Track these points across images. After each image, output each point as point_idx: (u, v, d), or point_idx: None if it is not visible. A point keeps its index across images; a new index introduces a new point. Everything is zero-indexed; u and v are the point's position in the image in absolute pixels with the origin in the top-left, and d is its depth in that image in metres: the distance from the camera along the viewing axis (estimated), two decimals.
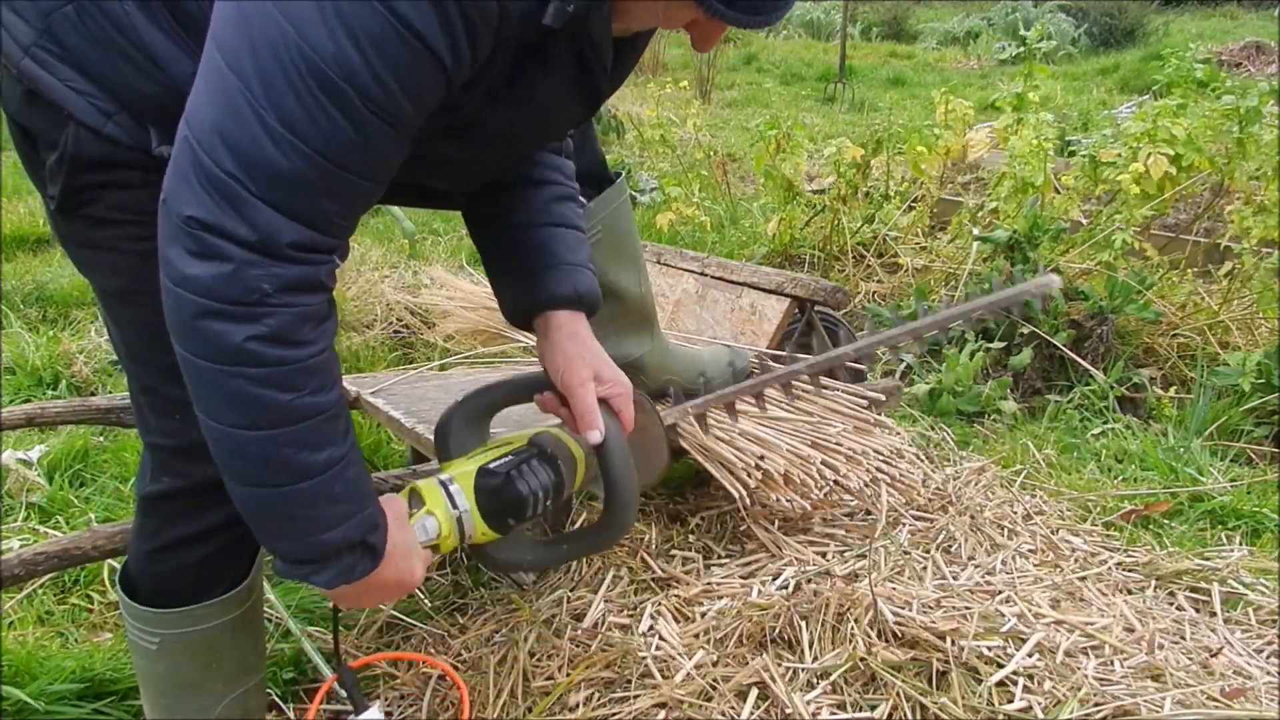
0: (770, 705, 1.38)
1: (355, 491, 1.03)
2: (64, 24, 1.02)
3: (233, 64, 0.88)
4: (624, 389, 1.29)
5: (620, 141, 6.99)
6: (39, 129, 1.07)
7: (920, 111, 7.94)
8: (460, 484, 1.19)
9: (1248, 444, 2.71)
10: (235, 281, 0.90)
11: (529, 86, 1.05)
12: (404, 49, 0.88)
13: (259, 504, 1.00)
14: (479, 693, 1.55)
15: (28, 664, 1.64)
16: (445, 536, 1.17)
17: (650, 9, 1.04)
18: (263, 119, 0.87)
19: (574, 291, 1.27)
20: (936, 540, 1.84)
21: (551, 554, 1.37)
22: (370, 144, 0.92)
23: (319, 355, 0.96)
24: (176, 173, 0.91)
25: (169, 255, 0.92)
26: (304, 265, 0.93)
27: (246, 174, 0.88)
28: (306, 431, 0.97)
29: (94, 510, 2.23)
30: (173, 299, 0.93)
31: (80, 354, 3.06)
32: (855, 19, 15.66)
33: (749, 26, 1.00)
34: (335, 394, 0.99)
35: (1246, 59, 10.66)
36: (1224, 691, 1.41)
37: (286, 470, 0.97)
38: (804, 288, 2.13)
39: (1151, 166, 3.25)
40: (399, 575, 1.10)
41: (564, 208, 1.30)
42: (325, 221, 0.94)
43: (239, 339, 0.91)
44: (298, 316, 0.93)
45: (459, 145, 1.10)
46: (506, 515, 1.20)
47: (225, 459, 0.99)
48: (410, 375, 2.30)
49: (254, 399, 0.94)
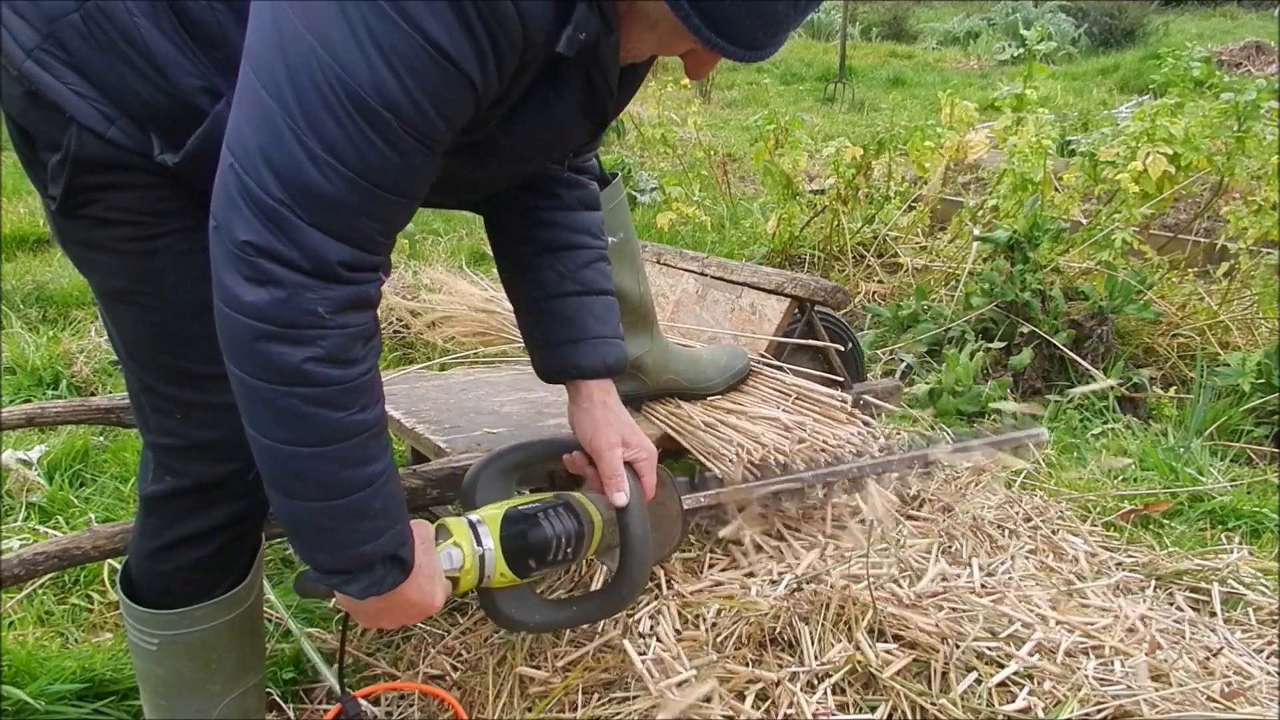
0: (770, 706, 1.38)
1: (392, 506, 1.06)
2: (69, 30, 1.02)
3: (272, 91, 0.90)
4: (649, 455, 1.36)
5: (621, 141, 6.99)
6: (40, 130, 1.07)
7: (920, 111, 7.94)
8: (488, 524, 1.24)
9: (1248, 444, 2.71)
10: (291, 305, 0.93)
11: (542, 107, 1.09)
12: (438, 73, 0.91)
13: (302, 516, 1.03)
14: (478, 694, 1.55)
15: (28, 664, 1.64)
16: (467, 570, 1.21)
17: (653, 39, 1.07)
18: (305, 145, 0.90)
19: (603, 364, 1.34)
20: (936, 541, 1.84)
21: (558, 616, 1.39)
22: (408, 165, 0.95)
23: (368, 374, 1.00)
24: (225, 199, 0.93)
25: (225, 280, 0.94)
26: (354, 285, 0.97)
27: (293, 200, 0.91)
28: (353, 448, 1.00)
29: (94, 510, 2.23)
30: (229, 322, 0.95)
31: (80, 354, 3.06)
32: (855, 19, 15.66)
33: (745, 60, 1.03)
34: (380, 410, 1.03)
35: (1246, 59, 10.65)
36: (1224, 691, 1.41)
37: (331, 485, 1.01)
38: (804, 288, 2.13)
39: (1150, 165, 3.25)
40: (421, 596, 1.14)
41: (593, 272, 1.35)
42: (369, 240, 0.97)
43: (296, 361, 0.94)
44: (350, 336, 0.97)
45: (471, 163, 1.12)
46: (528, 557, 1.25)
47: (271, 472, 1.02)
48: (410, 375, 2.30)
49: (305, 417, 0.97)
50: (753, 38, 1.00)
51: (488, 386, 2.17)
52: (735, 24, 0.98)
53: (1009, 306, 3.19)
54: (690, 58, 1.09)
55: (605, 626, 1.58)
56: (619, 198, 1.77)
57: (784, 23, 1.01)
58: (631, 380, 1.88)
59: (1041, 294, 3.17)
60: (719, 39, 0.99)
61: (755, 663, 1.46)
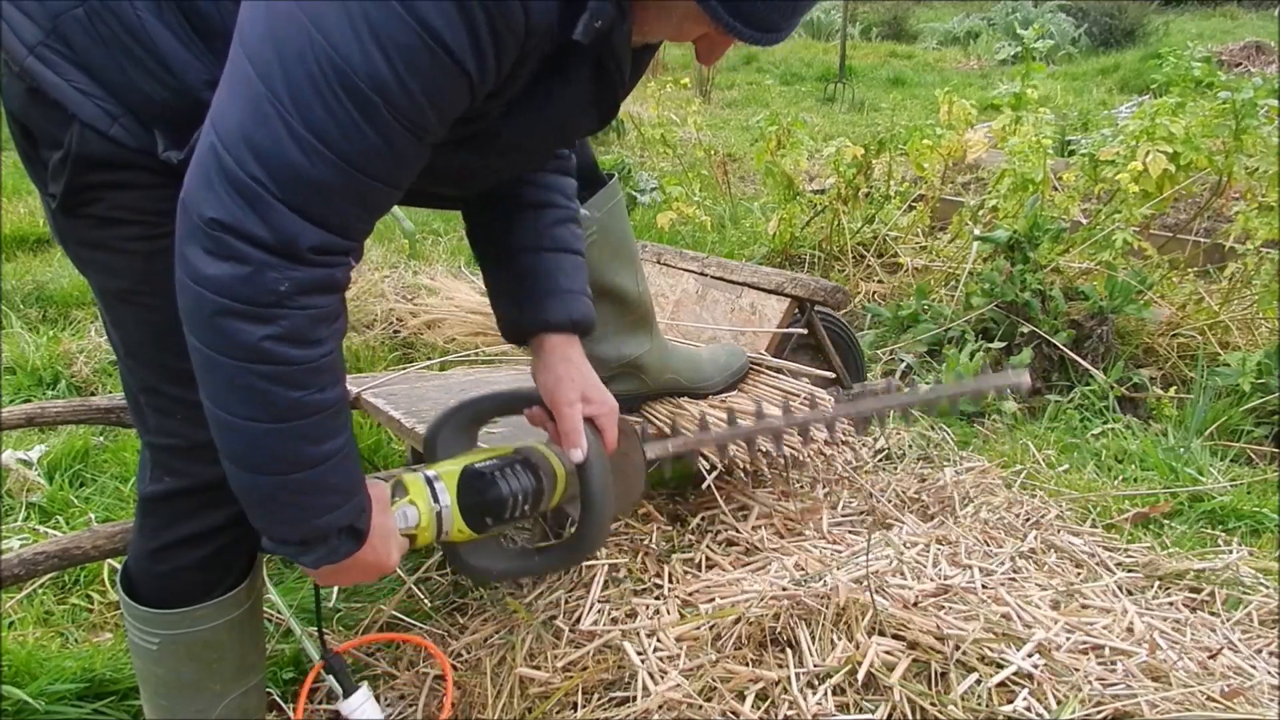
0: (770, 706, 1.38)
1: (348, 481, 1.07)
2: (73, 26, 1.02)
3: (260, 70, 0.89)
4: (610, 410, 1.34)
5: (621, 141, 6.99)
6: (41, 127, 1.07)
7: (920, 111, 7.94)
8: (445, 481, 1.25)
9: (1248, 444, 2.71)
10: (253, 283, 0.92)
11: (546, 98, 1.07)
12: (431, 61, 0.89)
13: (257, 489, 1.03)
14: (478, 694, 1.55)
15: (28, 664, 1.64)
16: (424, 527, 1.23)
17: (667, 23, 1.06)
18: (289, 124, 0.89)
19: (569, 318, 1.32)
20: (937, 541, 1.84)
21: (522, 565, 1.41)
22: (395, 152, 0.94)
23: (329, 355, 0.99)
24: (199, 174, 0.92)
25: (187, 254, 0.93)
26: (321, 268, 0.95)
27: (269, 177, 0.90)
28: (311, 426, 1.00)
29: (94, 510, 2.23)
30: (190, 296, 0.94)
31: (80, 354, 3.06)
32: (855, 19, 15.67)
33: (761, 44, 1.02)
34: (340, 390, 1.03)
35: (1246, 59, 10.65)
36: (1224, 691, 1.41)
37: (288, 461, 1.00)
38: (804, 288, 2.13)
39: (1150, 165, 3.25)
40: (376, 558, 1.15)
41: (564, 230, 1.33)
42: (344, 225, 0.96)
43: (255, 338, 0.93)
44: (312, 318, 0.96)
45: (472, 154, 1.11)
46: (485, 514, 1.26)
47: (227, 445, 1.02)
48: (410, 375, 2.30)
49: (264, 394, 0.96)
50: (769, 19, 0.99)
51: (487, 386, 2.17)
52: (752, 6, 0.97)
53: (1009, 306, 3.19)
54: (703, 42, 1.08)
55: (605, 627, 1.58)
56: (617, 197, 1.77)
57: (800, 3, 1.00)
58: (632, 380, 1.88)
59: (1041, 294, 3.16)
60: (735, 22, 0.98)
61: (755, 663, 1.46)
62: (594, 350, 1.68)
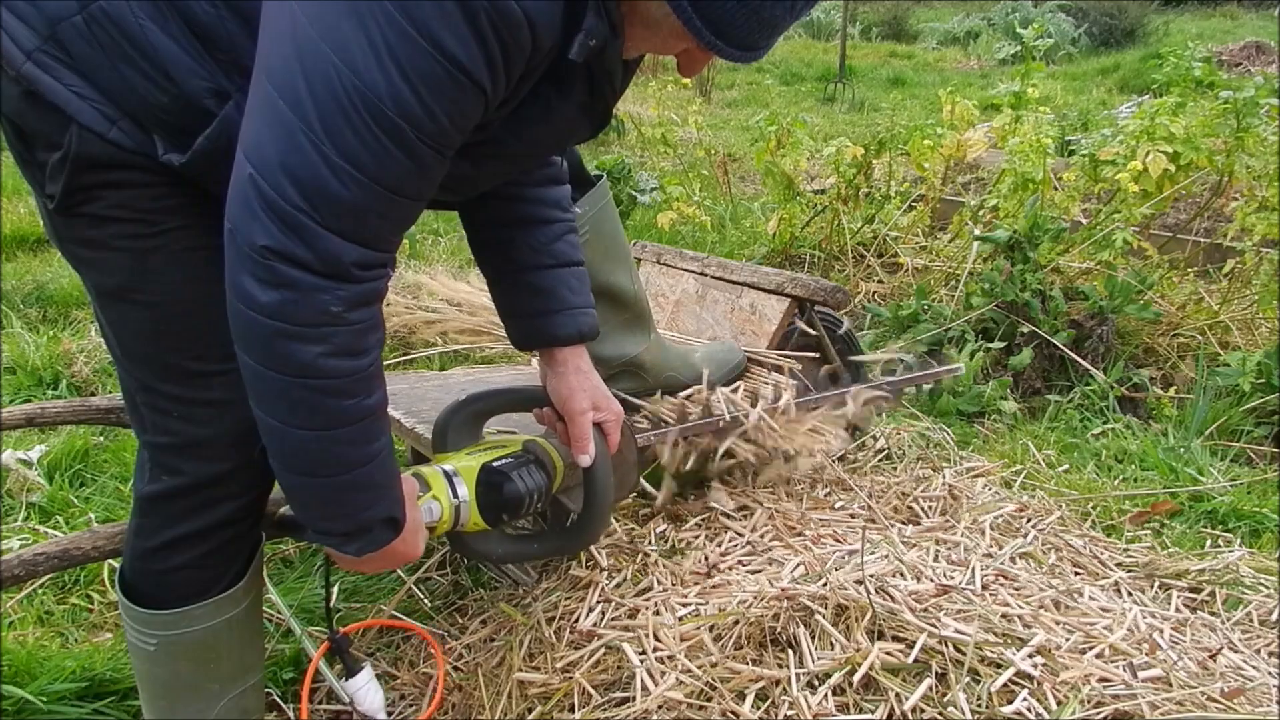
0: (770, 706, 1.38)
1: (390, 476, 1.14)
2: (71, 33, 1.03)
3: (290, 102, 0.93)
4: (616, 416, 1.45)
5: (621, 141, 6.98)
6: (38, 130, 1.07)
7: (920, 111, 7.94)
8: (463, 476, 1.32)
9: (1248, 444, 2.71)
10: (305, 306, 0.98)
11: (545, 109, 1.12)
12: (452, 84, 0.94)
13: (308, 490, 1.10)
14: (478, 696, 1.55)
15: (28, 664, 1.64)
16: (444, 521, 1.30)
17: (653, 39, 1.10)
18: (324, 154, 0.94)
19: (578, 333, 1.41)
20: (936, 541, 1.83)
21: (520, 549, 1.50)
22: (422, 169, 0.99)
23: (375, 364, 1.06)
24: (241, 204, 0.96)
25: (239, 282, 0.98)
26: (366, 283, 1.01)
27: (310, 205, 0.95)
28: (358, 431, 1.06)
29: (94, 510, 2.23)
30: (244, 321, 0.99)
31: (80, 354, 3.06)
32: (855, 19, 15.66)
33: (740, 61, 1.07)
34: (382, 394, 1.10)
35: (1246, 59, 10.65)
36: (1224, 691, 1.41)
37: (338, 463, 1.07)
38: (804, 288, 2.13)
39: (1150, 164, 3.25)
40: (406, 548, 1.21)
41: (565, 244, 1.40)
42: (380, 239, 1.02)
43: (310, 356, 0.99)
44: (359, 331, 1.02)
45: (473, 163, 1.15)
46: (501, 511, 1.34)
47: (279, 450, 1.07)
48: (410, 375, 2.30)
49: (316, 405, 1.02)
50: (749, 39, 1.04)
51: (488, 386, 2.17)
52: (733, 26, 1.02)
53: (1009, 306, 3.19)
54: (684, 56, 1.13)
55: (605, 627, 1.58)
56: (606, 198, 1.79)
57: (779, 25, 1.05)
58: (632, 378, 1.88)
59: (1041, 294, 3.16)
60: (717, 40, 1.03)
61: (755, 663, 1.46)
62: (595, 351, 1.69)
